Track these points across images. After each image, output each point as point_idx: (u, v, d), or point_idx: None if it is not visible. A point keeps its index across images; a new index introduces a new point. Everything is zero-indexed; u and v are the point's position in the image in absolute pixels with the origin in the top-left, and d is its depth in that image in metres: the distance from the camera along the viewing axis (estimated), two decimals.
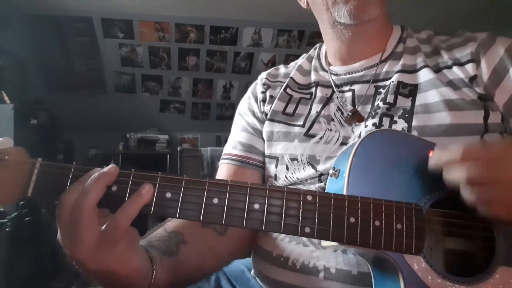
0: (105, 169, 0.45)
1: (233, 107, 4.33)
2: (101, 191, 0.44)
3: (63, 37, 3.37)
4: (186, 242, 0.61)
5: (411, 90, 0.63)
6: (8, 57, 3.11)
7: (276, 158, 0.71)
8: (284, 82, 0.78)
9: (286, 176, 0.69)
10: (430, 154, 0.48)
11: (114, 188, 0.45)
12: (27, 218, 2.20)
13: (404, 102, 0.63)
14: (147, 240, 0.58)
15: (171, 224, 0.63)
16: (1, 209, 2.04)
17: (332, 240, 0.46)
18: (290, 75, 0.78)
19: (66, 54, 3.52)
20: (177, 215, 0.45)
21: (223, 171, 0.77)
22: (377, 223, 0.46)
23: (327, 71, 0.74)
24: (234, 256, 0.74)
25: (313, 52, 0.81)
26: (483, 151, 0.45)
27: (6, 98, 2.67)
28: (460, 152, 0.44)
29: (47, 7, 3.01)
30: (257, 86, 0.81)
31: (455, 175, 0.44)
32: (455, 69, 0.63)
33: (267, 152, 0.74)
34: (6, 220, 2.09)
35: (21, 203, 2.12)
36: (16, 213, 2.15)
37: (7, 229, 2.09)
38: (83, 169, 0.46)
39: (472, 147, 0.45)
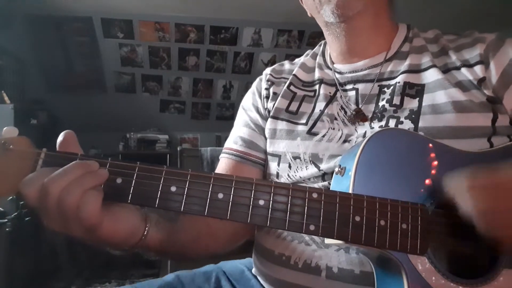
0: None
1: (233, 107, 4.33)
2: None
3: (63, 37, 3.36)
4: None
5: (418, 91, 0.63)
6: (8, 57, 3.10)
7: (278, 156, 0.71)
8: (288, 79, 0.77)
9: (288, 175, 0.68)
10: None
11: (119, 181, 0.46)
12: (27, 218, 2.19)
13: (410, 103, 0.62)
14: None
15: None
16: (1, 209, 2.04)
17: (337, 239, 0.46)
18: (293, 73, 0.78)
19: (66, 54, 3.51)
20: (182, 209, 0.46)
21: (222, 165, 0.77)
22: (382, 222, 0.46)
23: (331, 69, 0.74)
24: (233, 243, 0.74)
25: (317, 49, 0.81)
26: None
27: (6, 98, 2.66)
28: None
29: (47, 7, 3.01)
30: (262, 82, 0.81)
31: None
32: (464, 70, 0.62)
33: (269, 149, 0.73)
34: (6, 220, 2.08)
35: (21, 203, 2.11)
36: (16, 213, 2.14)
37: (7, 229, 2.09)
38: (88, 159, 0.46)
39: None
